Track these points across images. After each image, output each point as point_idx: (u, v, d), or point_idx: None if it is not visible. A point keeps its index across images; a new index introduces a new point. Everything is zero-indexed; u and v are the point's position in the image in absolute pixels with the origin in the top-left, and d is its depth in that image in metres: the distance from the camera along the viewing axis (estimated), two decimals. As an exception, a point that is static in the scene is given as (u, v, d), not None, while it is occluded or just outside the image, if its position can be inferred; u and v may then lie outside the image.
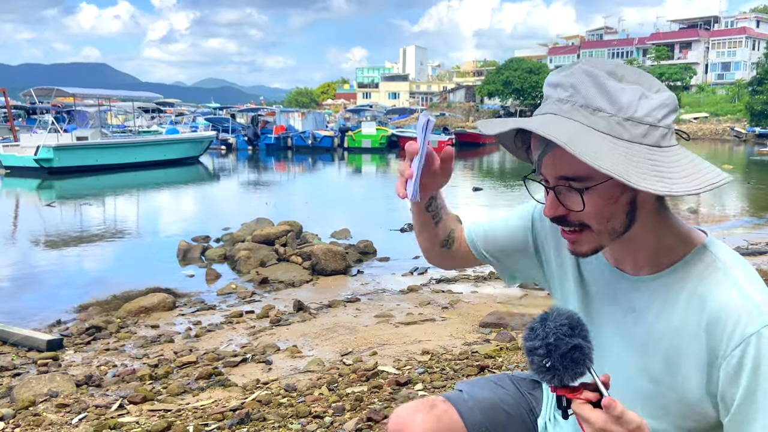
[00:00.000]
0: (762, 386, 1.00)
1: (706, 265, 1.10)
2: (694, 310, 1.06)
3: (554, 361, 0.95)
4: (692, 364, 1.07)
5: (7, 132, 29.95)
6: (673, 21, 73.93)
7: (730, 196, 17.03)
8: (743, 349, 1.00)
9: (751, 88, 48.90)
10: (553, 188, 1.06)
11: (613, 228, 1.07)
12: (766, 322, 1.01)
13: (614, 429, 0.93)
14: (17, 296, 7.13)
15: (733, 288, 1.05)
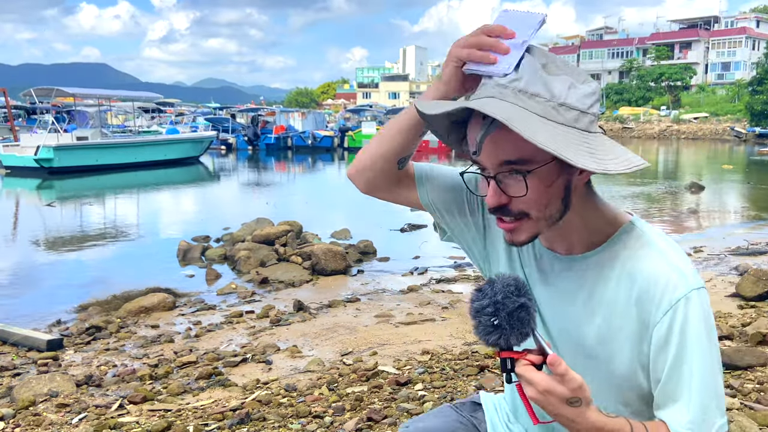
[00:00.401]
0: (690, 348, 1.06)
1: (633, 241, 1.14)
2: (624, 284, 1.12)
3: (502, 319, 0.98)
4: (625, 337, 1.12)
5: (8, 132, 29.96)
6: (673, 21, 73.90)
7: (730, 196, 17.03)
8: (672, 315, 1.07)
9: (751, 88, 48.88)
10: (495, 176, 1.07)
11: (551, 214, 1.09)
12: (692, 287, 1.08)
13: (558, 389, 0.96)
14: (17, 296, 7.13)
15: (659, 259, 1.11)
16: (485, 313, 0.99)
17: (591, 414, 1.00)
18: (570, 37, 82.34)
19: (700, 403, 1.06)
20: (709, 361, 1.08)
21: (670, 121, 52.00)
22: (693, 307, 1.08)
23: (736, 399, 3.17)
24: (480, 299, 1.00)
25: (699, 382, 1.06)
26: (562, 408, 0.97)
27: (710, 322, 1.11)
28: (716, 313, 5.05)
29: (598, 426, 1.00)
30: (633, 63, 64.95)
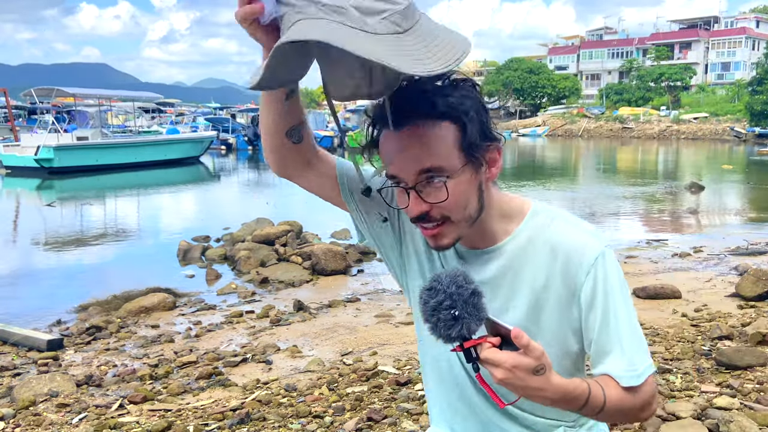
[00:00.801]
0: (613, 301, 1.17)
1: (542, 219, 1.24)
2: (546, 258, 1.21)
3: (460, 309, 0.99)
4: (552, 308, 1.21)
5: (8, 132, 29.95)
6: (672, 21, 73.83)
7: (730, 196, 17.04)
8: (594, 273, 1.17)
9: (750, 88, 48.83)
10: (414, 187, 1.10)
11: (470, 215, 1.16)
12: (603, 244, 1.20)
13: (524, 361, 0.98)
14: (17, 296, 7.13)
15: (571, 228, 1.22)
16: (443, 308, 0.99)
17: (555, 378, 1.04)
18: (570, 37, 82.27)
19: (631, 348, 1.16)
20: (630, 311, 1.19)
21: (670, 122, 51.95)
22: (609, 262, 1.19)
23: (736, 399, 3.17)
24: (434, 296, 1.01)
25: (626, 330, 1.17)
26: (529, 380, 1.00)
27: (622, 274, 1.21)
28: (716, 313, 5.05)
29: (563, 388, 1.05)
30: (633, 63, 64.89)
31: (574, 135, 53.87)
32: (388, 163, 1.14)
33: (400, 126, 1.10)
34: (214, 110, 56.71)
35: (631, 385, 1.15)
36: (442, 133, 1.09)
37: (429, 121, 1.09)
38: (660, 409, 3.06)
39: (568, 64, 73.18)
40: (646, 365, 1.17)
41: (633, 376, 1.16)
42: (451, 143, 1.09)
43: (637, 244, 9.28)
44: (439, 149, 1.08)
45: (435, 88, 1.09)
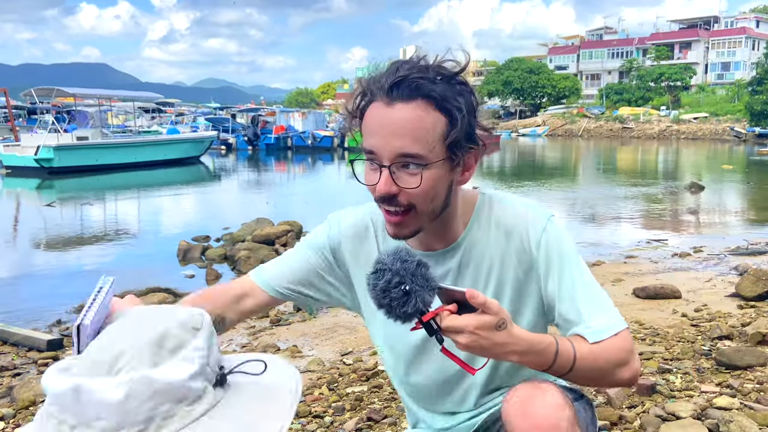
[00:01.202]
0: (568, 265, 1.20)
1: (489, 205, 1.28)
2: (499, 241, 1.25)
3: (410, 283, 0.97)
4: (515, 288, 1.24)
5: (8, 132, 29.95)
6: (672, 21, 73.88)
7: (730, 196, 17.04)
8: (545, 243, 1.21)
9: (750, 88, 48.85)
10: (389, 167, 1.11)
11: (434, 208, 1.17)
12: (549, 214, 1.25)
13: (484, 318, 0.99)
14: (17, 296, 7.13)
15: (515, 206, 1.27)
16: (393, 286, 0.98)
17: (517, 330, 1.04)
18: (570, 37, 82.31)
19: (592, 306, 1.18)
20: (586, 271, 1.23)
21: (670, 121, 51.96)
22: (556, 231, 1.23)
23: (736, 399, 3.17)
24: (381, 277, 0.99)
25: (586, 290, 1.20)
26: (494, 336, 1.00)
27: (571, 239, 1.25)
28: (716, 313, 5.05)
29: (527, 339, 1.05)
30: (633, 63, 64.92)
31: (574, 135, 53.88)
32: (369, 134, 1.13)
33: (395, 99, 1.10)
34: (214, 110, 56.72)
35: (597, 339, 1.15)
36: (432, 121, 1.10)
37: (423, 105, 1.09)
38: (660, 408, 3.06)
39: (568, 64, 73.22)
40: (611, 321, 1.17)
41: (595, 332, 1.15)
42: (438, 134, 1.10)
43: (637, 244, 9.28)
44: (425, 137, 1.09)
45: (436, 77, 1.11)
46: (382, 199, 1.14)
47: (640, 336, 4.48)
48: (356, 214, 1.39)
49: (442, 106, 1.10)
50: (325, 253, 1.37)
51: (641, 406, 3.18)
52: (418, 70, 1.10)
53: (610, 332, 1.16)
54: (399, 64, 1.12)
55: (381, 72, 1.14)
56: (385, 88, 1.10)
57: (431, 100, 1.09)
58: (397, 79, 1.10)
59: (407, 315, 0.99)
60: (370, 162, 1.14)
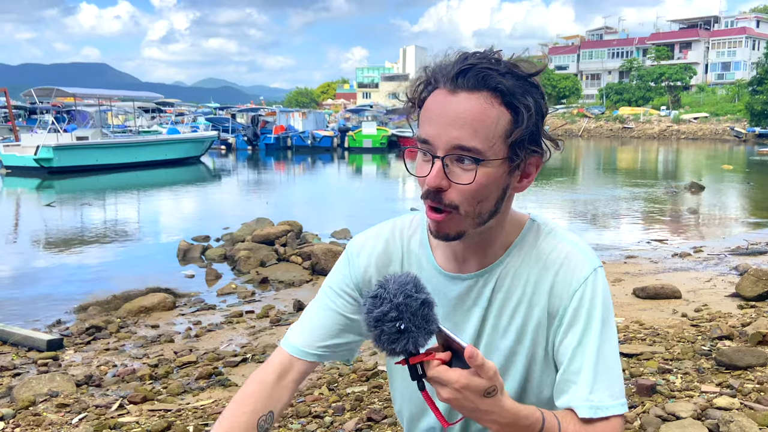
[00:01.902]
0: (595, 323, 1.10)
1: (537, 234, 1.18)
2: (535, 275, 1.14)
3: (407, 322, 0.90)
4: (536, 327, 1.15)
5: (8, 132, 29.94)
6: (673, 21, 73.82)
7: (730, 196, 17.03)
8: (580, 295, 1.10)
9: (751, 88, 48.82)
10: (442, 158, 1.03)
11: (480, 212, 1.08)
12: (596, 264, 1.13)
13: (475, 382, 0.91)
14: (17, 296, 7.13)
15: (564, 244, 1.16)
16: (388, 320, 0.90)
17: (506, 401, 0.97)
18: (570, 37, 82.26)
19: (599, 380, 1.08)
20: (609, 341, 1.11)
21: (670, 121, 51.95)
22: (598, 285, 1.12)
23: (736, 399, 3.17)
24: (378, 306, 0.91)
25: (599, 359, 1.08)
26: (479, 402, 0.93)
27: (610, 298, 1.14)
28: (716, 313, 5.05)
29: (513, 412, 0.98)
30: (633, 63, 64.86)
31: (574, 135, 53.88)
32: (426, 122, 1.05)
33: (459, 87, 1.03)
34: (214, 110, 56.71)
35: (588, 416, 1.06)
36: (496, 115, 1.02)
37: (489, 97, 1.02)
38: (660, 409, 3.06)
39: (568, 64, 73.18)
40: (611, 402, 1.07)
41: (591, 408, 1.06)
42: (500, 131, 1.03)
43: (637, 244, 9.28)
44: (486, 131, 1.02)
45: (507, 72, 1.04)
46: (428, 194, 1.06)
47: (640, 336, 4.48)
48: (378, 235, 1.29)
49: (509, 101, 1.03)
50: (348, 290, 1.26)
51: (641, 406, 3.18)
52: (489, 62, 1.04)
53: (605, 413, 1.06)
54: (469, 54, 1.06)
55: (449, 60, 1.07)
56: (450, 76, 1.04)
57: (498, 94, 1.02)
58: (465, 67, 1.03)
59: (394, 352, 0.92)
60: (424, 153, 1.06)
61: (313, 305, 1.31)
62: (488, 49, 1.07)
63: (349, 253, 1.29)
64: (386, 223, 1.30)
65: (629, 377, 3.59)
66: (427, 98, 1.07)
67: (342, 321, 1.26)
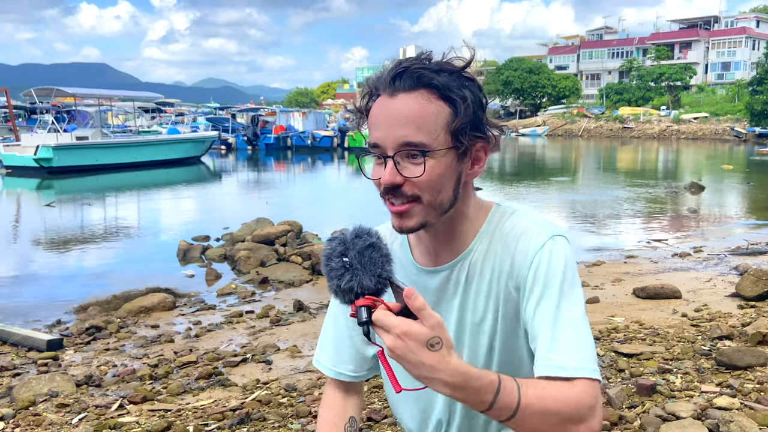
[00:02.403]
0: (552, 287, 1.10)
1: (500, 216, 1.23)
2: (500, 254, 1.19)
3: (352, 258, 0.93)
4: (509, 304, 1.17)
5: (7, 132, 29.94)
6: (673, 21, 73.83)
7: (730, 196, 17.03)
8: (537, 261, 1.13)
9: (751, 88, 48.80)
10: (392, 156, 1.09)
11: (441, 201, 1.13)
12: (555, 232, 1.16)
13: (415, 328, 0.89)
14: (17, 296, 7.13)
15: (523, 219, 1.20)
16: (335, 255, 0.94)
17: (453, 359, 0.93)
18: (570, 37, 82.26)
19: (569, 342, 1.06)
20: (570, 303, 1.10)
21: (670, 121, 51.93)
22: (555, 250, 1.14)
23: (736, 399, 3.17)
24: (330, 245, 0.96)
25: (565, 322, 1.08)
26: (422, 354, 0.90)
27: (571, 263, 1.14)
28: (716, 313, 5.05)
29: (462, 371, 0.93)
30: (633, 63, 64.84)
31: (574, 135, 53.87)
32: (373, 128, 1.13)
33: (397, 90, 1.10)
34: (214, 110, 56.71)
35: (549, 375, 1.03)
36: (434, 110, 1.09)
37: (426, 94, 1.09)
38: (660, 409, 3.06)
39: (568, 64, 73.19)
40: (578, 364, 1.04)
41: (549, 366, 1.04)
42: (441, 123, 1.09)
43: (637, 244, 9.28)
44: (428, 125, 1.08)
45: (439, 69, 1.11)
46: (386, 191, 1.12)
47: (640, 336, 4.48)
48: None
49: (446, 95, 1.09)
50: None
51: (641, 406, 3.18)
52: (421, 63, 1.11)
53: (568, 373, 1.02)
54: (402, 60, 1.13)
55: (384, 69, 1.14)
56: (387, 81, 1.11)
57: (434, 89, 1.09)
58: (400, 71, 1.10)
59: (342, 291, 0.93)
60: (376, 156, 1.13)
61: (326, 326, 1.40)
62: (420, 53, 1.14)
63: None
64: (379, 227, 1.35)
65: (629, 377, 3.59)
66: (371, 106, 1.15)
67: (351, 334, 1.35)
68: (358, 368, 1.37)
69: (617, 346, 4.16)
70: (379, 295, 0.94)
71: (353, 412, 1.37)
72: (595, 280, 6.65)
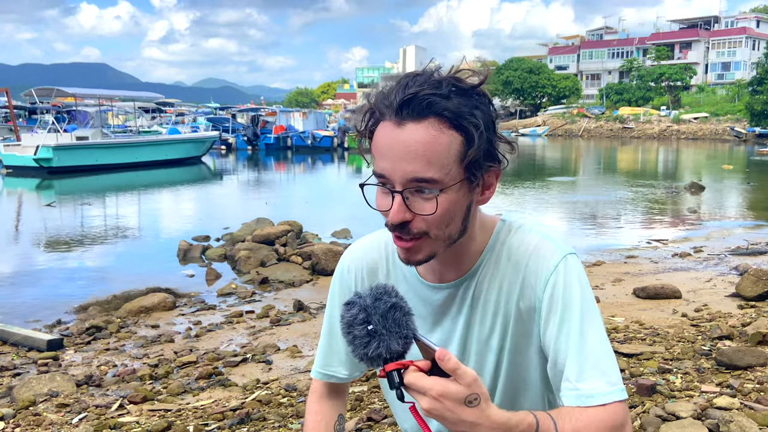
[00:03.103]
0: (571, 310, 1.07)
1: (507, 232, 1.18)
2: (508, 273, 1.15)
3: (376, 324, 0.89)
4: (518, 323, 1.14)
5: (7, 132, 29.93)
6: (673, 21, 73.82)
7: (730, 196, 17.03)
8: (552, 284, 1.09)
9: (751, 88, 48.80)
10: (401, 192, 1.02)
11: (450, 234, 1.07)
12: (566, 251, 1.12)
13: (452, 388, 0.87)
14: (17, 296, 7.13)
15: (531, 237, 1.15)
16: (358, 322, 0.90)
17: (492, 411, 0.92)
18: (570, 37, 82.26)
19: (586, 365, 1.04)
20: (591, 325, 1.08)
21: (670, 121, 51.93)
22: (570, 271, 1.10)
23: (736, 399, 3.17)
24: (349, 311, 0.92)
25: (587, 346, 1.06)
26: (461, 411, 0.88)
27: (586, 283, 1.12)
28: (716, 313, 5.05)
29: (502, 421, 0.92)
30: (633, 63, 64.84)
31: (574, 135, 53.87)
32: (379, 157, 1.04)
33: (405, 118, 1.00)
34: (214, 110, 56.71)
35: (582, 404, 1.02)
36: (447, 141, 1.00)
37: (437, 123, 1.00)
38: (660, 409, 3.06)
39: (568, 64, 73.19)
40: (605, 388, 1.03)
41: (579, 396, 1.03)
42: (454, 155, 1.01)
43: (637, 244, 9.28)
44: (439, 159, 1.00)
45: (449, 92, 1.01)
46: (394, 227, 1.05)
47: (640, 336, 4.48)
48: (365, 248, 1.31)
49: (458, 123, 1.00)
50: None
51: (641, 406, 3.18)
52: (430, 86, 1.00)
53: (599, 401, 1.02)
54: (409, 79, 1.03)
55: (390, 86, 1.04)
56: (394, 107, 1.01)
57: (444, 119, 1.00)
58: (407, 97, 1.00)
59: (369, 358, 0.90)
60: (382, 185, 1.05)
61: (324, 330, 1.40)
62: (428, 69, 1.04)
63: (340, 270, 1.34)
64: (374, 235, 1.31)
65: (629, 377, 3.59)
66: (375, 129, 1.06)
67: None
68: (352, 371, 1.37)
69: (617, 346, 4.16)
70: (406, 353, 0.92)
71: (341, 410, 1.39)
72: (595, 280, 6.65)
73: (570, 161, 31.79)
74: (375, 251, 1.29)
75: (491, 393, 1.18)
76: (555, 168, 27.41)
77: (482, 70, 1.07)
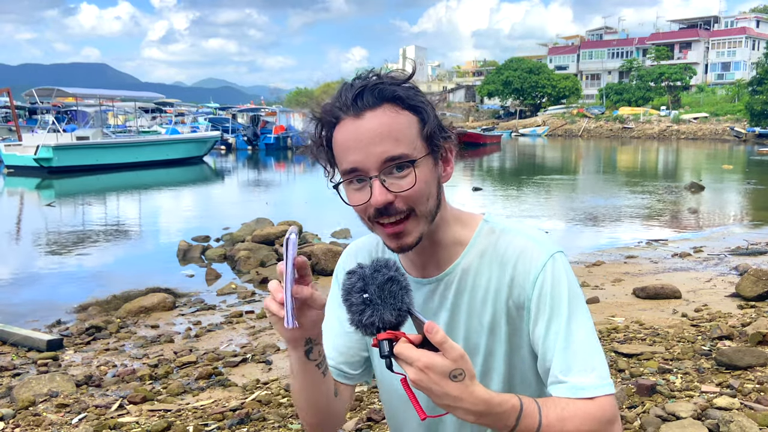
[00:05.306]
0: (559, 308, 1.10)
1: (490, 231, 1.20)
2: (494, 272, 1.17)
3: (372, 293, 0.94)
4: (508, 322, 1.16)
5: (7, 132, 29.93)
6: (672, 21, 73.82)
7: (730, 196, 17.03)
8: (540, 282, 1.12)
9: (751, 88, 48.79)
10: (378, 176, 1.07)
11: (431, 209, 1.13)
12: (553, 250, 1.15)
13: (438, 361, 0.91)
14: (17, 296, 7.13)
15: (518, 238, 1.18)
16: (355, 290, 0.95)
17: (477, 388, 0.95)
18: (569, 37, 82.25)
19: (574, 359, 1.08)
20: (580, 321, 1.11)
21: (670, 121, 51.92)
22: (556, 269, 1.13)
23: (736, 399, 3.17)
24: (349, 279, 0.97)
25: (576, 343, 1.09)
26: (446, 384, 0.91)
27: (574, 281, 1.15)
28: (716, 313, 5.05)
29: (484, 399, 0.95)
30: (633, 63, 64.82)
31: (574, 135, 53.86)
32: (346, 153, 1.10)
33: (362, 109, 1.08)
34: (214, 110, 56.70)
35: (571, 396, 1.05)
36: (406, 120, 1.08)
37: (391, 107, 1.08)
38: (660, 409, 3.06)
39: (568, 64, 73.18)
40: (594, 382, 1.06)
41: (569, 388, 1.06)
42: (415, 132, 1.09)
43: (637, 244, 9.28)
44: (405, 136, 1.08)
45: (392, 82, 1.10)
46: (379, 212, 1.09)
47: (640, 336, 4.48)
48: (360, 247, 1.36)
49: (409, 104, 1.09)
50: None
51: (641, 406, 3.18)
52: (375, 78, 1.10)
53: (588, 394, 1.05)
54: (351, 82, 1.12)
55: (335, 94, 1.12)
56: (348, 103, 1.08)
57: (398, 101, 1.08)
58: (359, 90, 1.08)
59: (363, 325, 0.95)
60: (357, 181, 1.10)
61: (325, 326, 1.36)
62: (363, 73, 1.13)
63: (338, 271, 1.36)
64: (371, 235, 1.31)
65: (629, 377, 3.59)
66: (332, 136, 1.13)
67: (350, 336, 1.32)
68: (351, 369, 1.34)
69: (617, 346, 4.16)
70: (400, 326, 0.96)
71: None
72: (595, 280, 6.65)
73: (570, 161, 31.78)
74: (370, 249, 1.33)
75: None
76: (555, 168, 27.40)
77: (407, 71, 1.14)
